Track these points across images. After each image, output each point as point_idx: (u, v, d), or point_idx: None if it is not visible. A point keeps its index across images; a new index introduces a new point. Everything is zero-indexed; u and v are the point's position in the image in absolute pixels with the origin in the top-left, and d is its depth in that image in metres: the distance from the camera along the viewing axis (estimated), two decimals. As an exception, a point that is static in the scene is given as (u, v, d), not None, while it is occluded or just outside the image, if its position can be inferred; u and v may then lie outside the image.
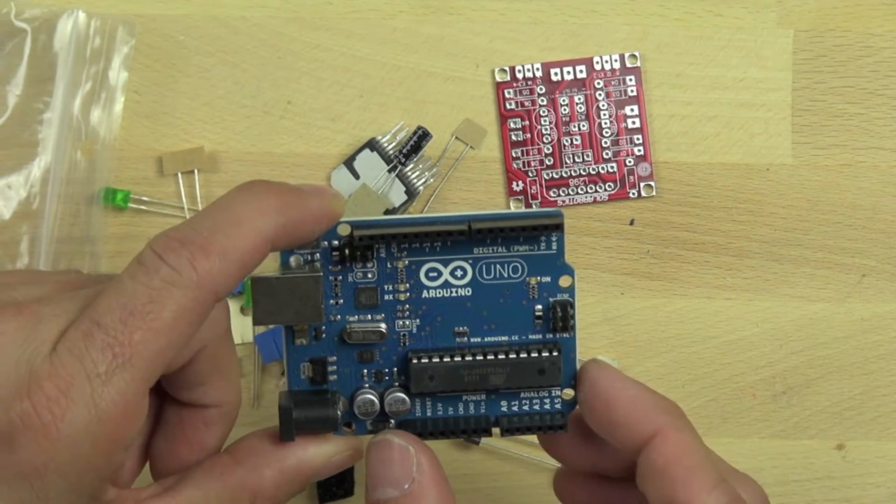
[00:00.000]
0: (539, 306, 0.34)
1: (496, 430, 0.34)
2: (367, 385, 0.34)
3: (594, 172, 0.48)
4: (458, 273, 0.34)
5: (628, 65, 0.48)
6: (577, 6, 0.48)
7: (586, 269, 0.48)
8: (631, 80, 0.48)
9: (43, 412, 0.27)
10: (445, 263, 0.34)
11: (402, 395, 0.34)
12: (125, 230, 0.48)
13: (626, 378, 0.34)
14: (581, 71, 0.48)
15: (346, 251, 0.33)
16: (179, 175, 0.48)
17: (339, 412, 0.33)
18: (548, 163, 0.48)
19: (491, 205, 0.48)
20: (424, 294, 0.34)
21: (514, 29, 0.48)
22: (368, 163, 0.48)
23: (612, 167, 0.48)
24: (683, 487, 0.31)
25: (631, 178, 0.48)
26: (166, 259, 0.28)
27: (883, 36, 0.48)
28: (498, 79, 0.48)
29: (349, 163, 0.48)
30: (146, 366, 0.28)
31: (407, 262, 0.33)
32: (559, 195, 0.48)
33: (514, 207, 0.48)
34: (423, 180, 0.48)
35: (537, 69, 0.48)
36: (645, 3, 0.48)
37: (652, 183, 0.48)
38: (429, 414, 0.34)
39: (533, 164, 0.48)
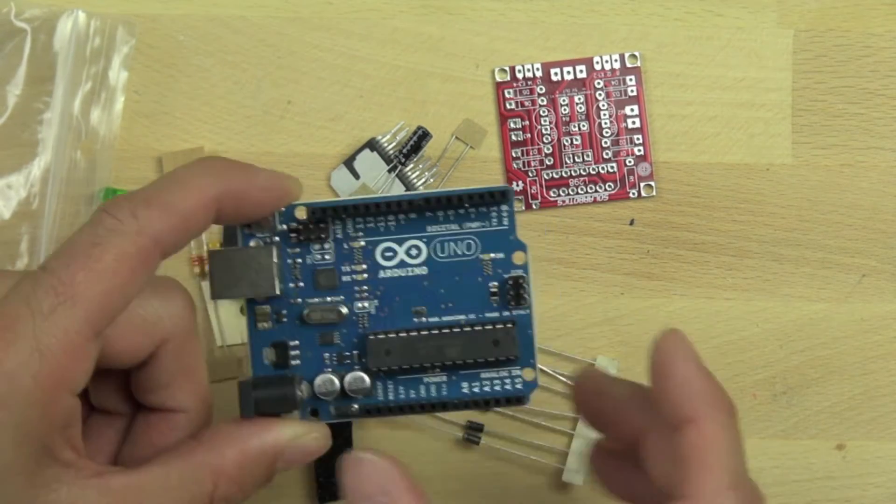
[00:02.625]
0: (494, 283, 0.34)
1: (458, 405, 0.34)
2: (329, 368, 0.34)
3: (594, 172, 0.48)
4: (414, 252, 0.34)
5: (628, 65, 0.48)
6: (577, 6, 0.48)
7: (586, 269, 0.48)
8: (631, 80, 0.48)
9: None
10: (400, 242, 0.34)
11: (361, 373, 0.34)
12: (125, 230, 0.48)
13: (693, 356, 0.34)
14: (581, 71, 0.48)
15: (303, 231, 0.34)
16: (179, 175, 0.48)
17: (299, 392, 0.33)
18: (548, 163, 0.48)
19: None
20: (381, 274, 0.34)
21: (514, 29, 0.48)
22: (368, 163, 0.48)
23: (612, 167, 0.48)
24: (696, 481, 0.31)
25: (631, 178, 0.48)
26: (109, 211, 0.30)
27: (883, 36, 0.48)
28: (498, 79, 0.48)
29: (349, 163, 0.48)
30: (89, 306, 0.29)
31: (363, 242, 0.34)
32: (559, 195, 0.48)
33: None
34: (423, 180, 0.48)
35: (537, 69, 0.48)
36: (645, 3, 0.48)
37: (652, 183, 0.48)
38: (391, 397, 0.34)
39: (533, 164, 0.48)
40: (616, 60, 0.48)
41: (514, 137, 0.48)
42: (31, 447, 0.29)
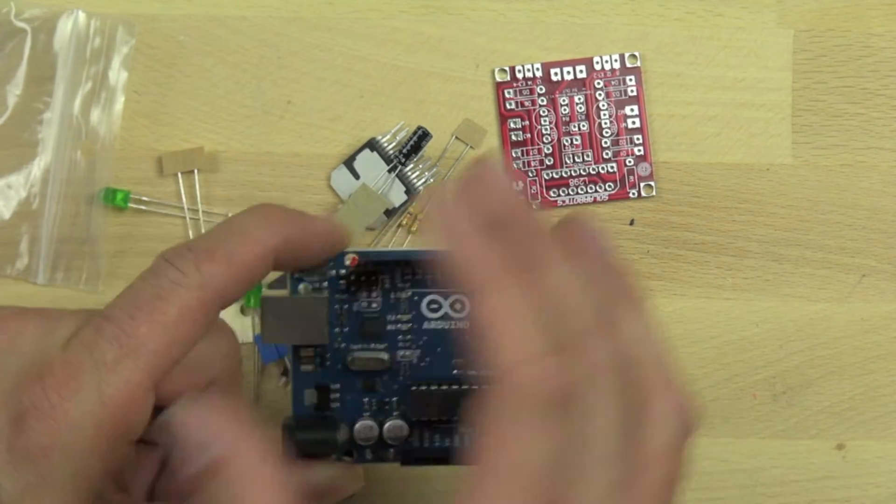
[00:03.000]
0: None
1: None
2: (368, 413, 0.35)
3: (594, 172, 0.48)
4: (458, 306, 0.35)
5: (628, 65, 0.48)
6: (577, 6, 0.48)
7: (586, 269, 0.48)
8: (631, 80, 0.48)
9: (52, 394, 0.29)
10: (446, 296, 0.35)
11: (401, 422, 0.35)
12: (125, 230, 0.48)
13: (461, 220, 0.28)
14: (581, 71, 0.48)
15: (353, 279, 0.35)
16: (179, 175, 0.48)
17: (339, 436, 0.34)
18: (548, 163, 0.48)
19: (491, 205, 0.48)
20: (426, 325, 0.35)
21: (514, 29, 0.48)
22: (368, 163, 0.48)
23: (612, 167, 0.48)
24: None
25: (631, 178, 0.48)
26: (174, 262, 0.30)
27: (883, 36, 0.48)
28: (498, 79, 0.48)
29: (349, 163, 0.48)
30: (151, 358, 0.29)
31: (410, 293, 0.35)
32: (559, 195, 0.48)
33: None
34: (423, 180, 0.48)
35: (537, 69, 0.48)
36: (645, 3, 0.48)
37: (652, 183, 0.48)
38: (426, 444, 0.35)
39: (533, 164, 0.48)
40: (616, 60, 0.48)
41: (514, 137, 0.48)
42: (87, 493, 0.29)
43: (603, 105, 0.48)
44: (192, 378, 0.32)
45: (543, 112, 0.48)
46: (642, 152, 0.48)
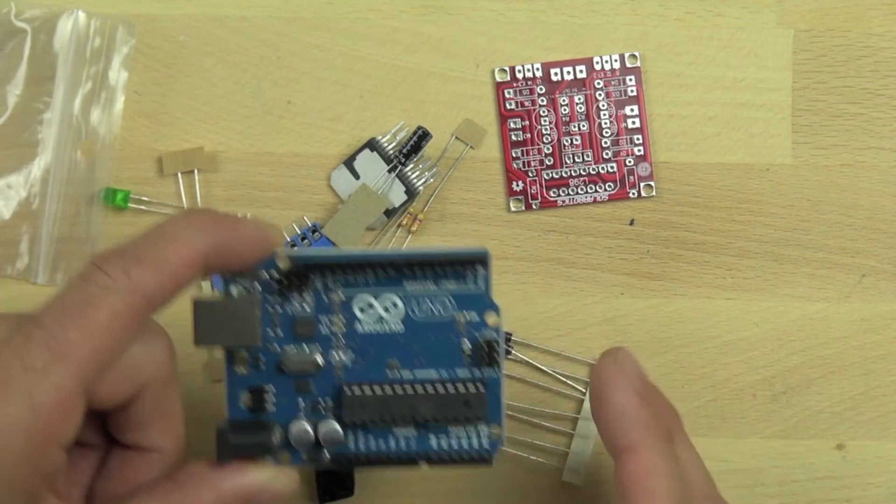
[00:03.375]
0: (467, 342, 0.35)
1: (424, 463, 0.35)
2: (302, 415, 0.35)
3: (594, 172, 0.48)
4: (391, 308, 0.35)
5: (628, 65, 0.48)
6: (577, 6, 0.48)
7: (586, 269, 0.48)
8: (631, 80, 0.48)
9: None
10: (378, 296, 0.35)
11: (335, 425, 0.35)
12: (125, 230, 0.48)
13: (628, 382, 0.35)
14: (581, 71, 0.48)
15: (284, 281, 0.35)
16: (179, 175, 0.48)
17: (274, 438, 0.35)
18: (548, 163, 0.48)
19: (491, 205, 0.48)
20: (358, 327, 0.35)
21: (514, 29, 0.48)
22: (368, 163, 0.48)
23: (612, 167, 0.48)
24: None
25: (631, 178, 0.48)
26: (102, 267, 0.31)
27: (883, 36, 0.48)
28: (498, 79, 0.48)
29: (349, 163, 0.48)
30: (81, 364, 0.30)
31: (342, 295, 0.35)
32: (559, 195, 0.48)
33: (514, 208, 0.48)
34: (423, 180, 0.48)
35: (537, 69, 0.48)
36: (645, 3, 0.48)
37: (652, 183, 0.48)
38: (361, 448, 0.35)
39: (533, 164, 0.48)
40: (616, 60, 0.48)
41: (514, 137, 0.48)
42: (19, 500, 0.29)
43: (603, 105, 0.48)
44: (126, 381, 0.32)
45: (543, 112, 0.48)
46: (642, 152, 0.48)
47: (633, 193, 0.48)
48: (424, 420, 0.35)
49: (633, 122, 0.48)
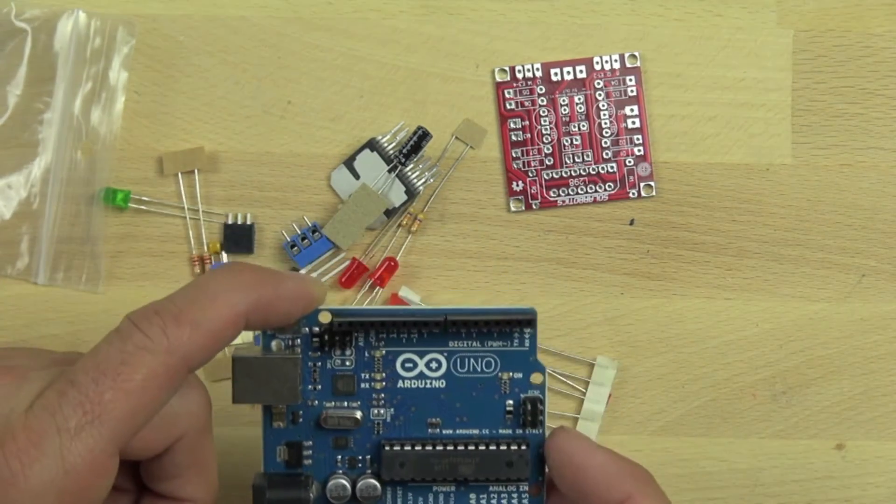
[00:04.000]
0: (510, 401, 0.35)
1: None
2: (340, 471, 0.35)
3: (594, 172, 0.48)
4: (433, 365, 0.35)
5: (628, 65, 0.48)
6: (577, 6, 0.48)
7: (586, 269, 0.48)
8: (631, 80, 0.48)
9: (12, 462, 0.28)
10: (421, 355, 0.35)
11: (373, 481, 0.35)
12: (125, 230, 0.48)
13: (594, 445, 0.34)
14: (581, 71, 0.48)
15: (326, 338, 0.34)
16: (179, 175, 0.48)
17: (311, 494, 0.34)
18: (548, 163, 0.48)
19: (491, 205, 0.48)
20: (400, 384, 0.35)
21: (514, 29, 0.48)
22: (368, 163, 0.48)
23: (612, 167, 0.48)
24: None
25: (631, 178, 0.48)
26: (140, 326, 0.30)
27: (883, 36, 0.48)
28: (498, 79, 0.48)
29: (349, 163, 0.48)
30: (116, 425, 0.29)
31: (384, 351, 0.35)
32: (559, 195, 0.48)
33: (514, 208, 0.48)
34: (423, 180, 0.48)
35: (537, 69, 0.48)
36: (645, 3, 0.48)
37: (652, 183, 0.48)
38: (399, 503, 0.35)
39: (533, 164, 0.48)
40: (616, 60, 0.48)
41: (514, 137, 0.48)
42: None
43: (603, 105, 0.48)
44: (160, 434, 0.32)
45: (543, 112, 0.48)
46: (642, 152, 0.48)
47: (633, 193, 0.48)
48: (465, 480, 0.34)
49: (633, 122, 0.48)
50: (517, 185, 0.48)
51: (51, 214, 0.47)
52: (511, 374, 0.35)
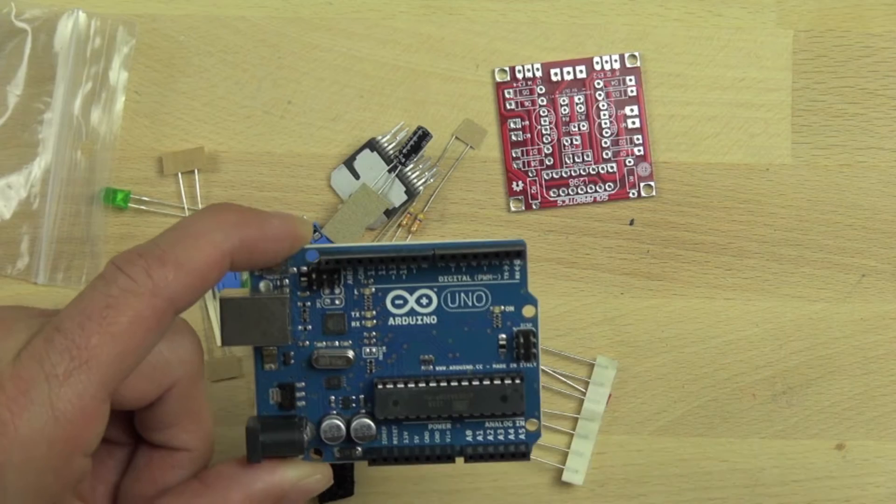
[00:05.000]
0: (503, 335, 0.34)
1: (460, 459, 0.35)
2: (334, 411, 0.34)
3: (594, 172, 0.48)
4: (424, 301, 0.34)
5: (628, 65, 0.48)
6: (577, 6, 0.48)
7: (586, 269, 0.48)
8: (631, 80, 0.48)
9: (2, 411, 0.28)
10: (411, 291, 0.34)
11: (368, 421, 0.34)
12: (125, 230, 0.48)
13: None
14: (581, 71, 0.48)
15: (314, 276, 0.34)
16: (179, 175, 0.48)
17: (305, 436, 0.34)
18: (548, 163, 0.48)
19: (491, 205, 0.48)
20: (391, 321, 0.34)
21: (514, 29, 0.48)
22: (368, 163, 0.48)
23: (611, 167, 0.48)
24: None
25: (631, 178, 0.48)
26: (124, 269, 0.30)
27: (883, 36, 0.48)
28: (498, 79, 0.48)
29: (349, 163, 0.48)
30: (104, 369, 0.29)
31: (373, 289, 0.34)
32: (559, 195, 0.48)
33: (514, 208, 0.48)
34: (423, 180, 0.48)
35: (537, 69, 0.48)
36: (645, 3, 0.48)
37: (652, 183, 0.48)
38: (395, 442, 0.34)
39: (533, 164, 0.48)
40: (616, 60, 0.48)
41: (514, 137, 0.48)
42: None
43: (603, 105, 0.48)
44: (152, 382, 0.32)
45: (543, 112, 0.48)
46: (642, 152, 0.48)
47: (633, 193, 0.48)
48: (461, 416, 0.34)
49: (633, 122, 0.48)
50: (517, 185, 0.48)
51: (51, 214, 0.47)
52: (503, 307, 0.34)
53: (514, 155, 0.48)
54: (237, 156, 0.48)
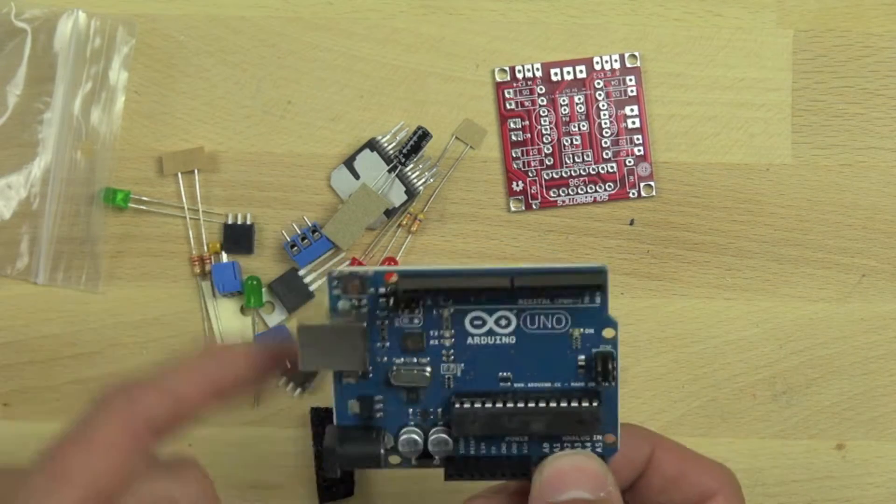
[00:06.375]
0: (582, 356, 0.34)
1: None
2: (412, 423, 0.34)
3: (594, 172, 0.48)
4: (503, 322, 0.34)
5: (628, 65, 0.48)
6: (577, 6, 0.48)
7: (586, 269, 0.48)
8: (631, 80, 0.48)
9: None
10: (490, 313, 0.34)
11: (445, 436, 0.34)
12: (125, 230, 0.48)
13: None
14: (581, 71, 0.48)
15: (392, 299, 0.34)
16: (179, 175, 0.48)
17: (382, 449, 0.34)
18: (548, 163, 0.48)
19: (491, 205, 0.48)
20: (469, 341, 0.34)
21: (514, 29, 0.48)
22: (368, 163, 0.48)
23: (612, 167, 0.48)
24: None
25: (631, 178, 0.48)
26: (105, 390, 0.31)
27: (883, 36, 0.48)
28: (498, 79, 0.48)
29: (349, 163, 0.48)
30: (83, 487, 0.29)
31: (452, 310, 0.34)
32: (559, 195, 0.48)
33: (514, 208, 0.48)
34: (423, 180, 0.48)
35: (537, 69, 0.48)
36: (645, 3, 0.48)
37: (652, 183, 0.48)
38: (472, 452, 0.34)
39: (533, 164, 0.48)
40: (616, 60, 0.48)
41: (514, 137, 0.48)
42: None
43: (603, 105, 0.48)
44: None
45: (543, 112, 0.48)
46: (642, 152, 0.48)
47: (633, 193, 0.48)
48: (538, 437, 0.34)
49: (633, 122, 0.48)
50: (517, 185, 0.48)
51: (51, 214, 0.47)
52: (582, 329, 0.34)
53: (514, 155, 0.48)
54: (237, 156, 0.48)
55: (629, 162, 0.48)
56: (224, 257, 0.47)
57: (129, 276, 0.48)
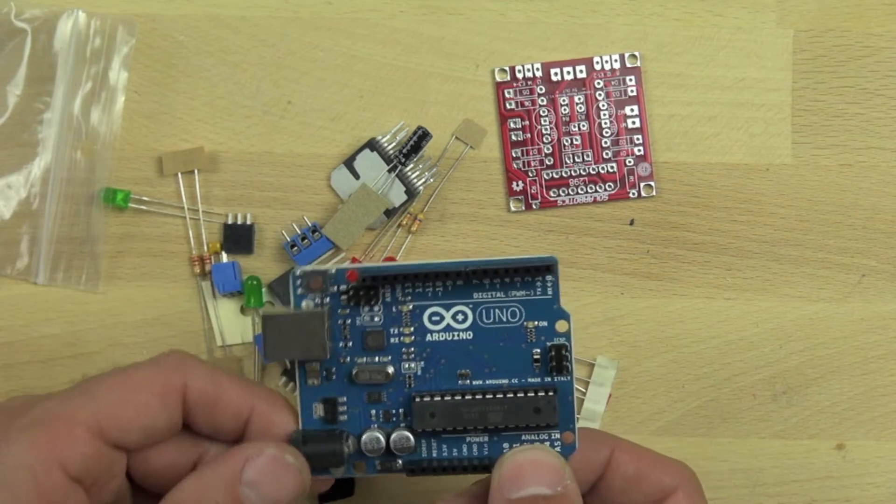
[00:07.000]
0: (537, 350, 0.36)
1: None
2: (374, 424, 0.36)
3: (594, 172, 0.48)
4: (460, 317, 0.36)
5: (628, 65, 0.48)
6: (577, 6, 0.48)
7: (586, 269, 0.48)
8: (631, 80, 0.48)
9: None
10: (447, 307, 0.35)
11: (407, 433, 0.35)
12: (125, 230, 0.48)
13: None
14: (581, 71, 0.48)
15: (353, 294, 0.35)
16: (179, 175, 0.48)
17: (345, 449, 0.35)
18: (548, 163, 0.48)
19: (491, 205, 0.48)
20: (428, 337, 0.36)
21: (514, 29, 0.48)
22: (368, 163, 0.48)
23: (612, 167, 0.48)
24: None
25: (631, 178, 0.48)
26: (167, 351, 0.35)
27: (883, 36, 0.48)
28: (498, 79, 0.48)
29: (349, 163, 0.48)
30: (103, 404, 0.32)
31: (411, 306, 0.35)
32: (559, 195, 0.48)
33: (514, 208, 0.48)
34: (423, 180, 0.48)
35: (537, 69, 0.48)
36: (645, 3, 0.48)
37: (652, 183, 0.48)
38: (434, 454, 0.36)
39: (533, 164, 0.48)
40: (616, 60, 0.48)
41: (514, 137, 0.48)
42: None
43: (603, 105, 0.48)
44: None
45: (543, 112, 0.48)
46: (642, 152, 0.48)
47: (633, 193, 0.48)
48: (496, 427, 0.35)
49: (633, 122, 0.48)
50: (517, 185, 0.48)
51: (50, 214, 0.47)
52: (536, 322, 0.35)
53: (514, 155, 0.48)
54: (237, 156, 0.48)
55: (629, 162, 0.48)
56: (224, 257, 0.47)
57: (129, 276, 0.48)
